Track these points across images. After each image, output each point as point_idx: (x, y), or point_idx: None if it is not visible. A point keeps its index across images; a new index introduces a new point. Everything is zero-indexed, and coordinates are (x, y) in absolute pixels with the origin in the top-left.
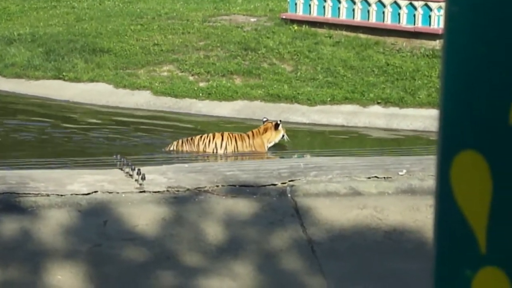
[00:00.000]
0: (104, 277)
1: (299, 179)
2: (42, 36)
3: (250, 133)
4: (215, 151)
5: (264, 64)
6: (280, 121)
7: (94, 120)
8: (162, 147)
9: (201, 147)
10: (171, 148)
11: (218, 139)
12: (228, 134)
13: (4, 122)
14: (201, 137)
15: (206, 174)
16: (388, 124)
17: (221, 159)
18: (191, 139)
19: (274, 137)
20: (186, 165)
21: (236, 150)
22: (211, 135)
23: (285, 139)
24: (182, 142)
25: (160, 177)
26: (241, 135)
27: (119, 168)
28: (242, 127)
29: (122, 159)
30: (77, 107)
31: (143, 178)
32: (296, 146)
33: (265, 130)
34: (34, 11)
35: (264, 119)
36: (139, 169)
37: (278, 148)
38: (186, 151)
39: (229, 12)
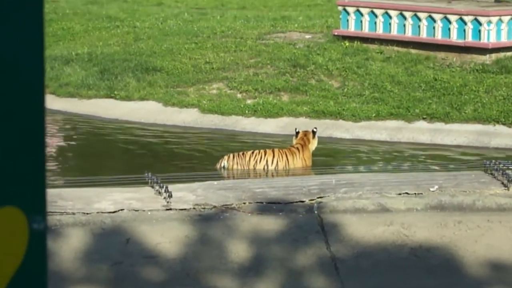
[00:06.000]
0: None
1: (328, 196)
2: (98, 56)
3: (298, 146)
4: (266, 167)
5: (311, 81)
6: (315, 128)
7: (138, 138)
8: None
9: (252, 164)
10: (223, 163)
11: (269, 156)
12: (279, 150)
13: (48, 141)
14: (252, 153)
15: (235, 191)
16: (432, 139)
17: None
18: (243, 154)
19: (314, 145)
20: (215, 182)
21: (287, 166)
22: (262, 151)
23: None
24: (234, 157)
25: (189, 194)
26: (290, 149)
27: (150, 186)
28: (286, 143)
29: (153, 177)
30: (124, 125)
31: (170, 196)
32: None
33: (309, 141)
34: (97, 31)
35: (297, 130)
36: (166, 187)
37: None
38: (237, 166)
39: (286, 30)
